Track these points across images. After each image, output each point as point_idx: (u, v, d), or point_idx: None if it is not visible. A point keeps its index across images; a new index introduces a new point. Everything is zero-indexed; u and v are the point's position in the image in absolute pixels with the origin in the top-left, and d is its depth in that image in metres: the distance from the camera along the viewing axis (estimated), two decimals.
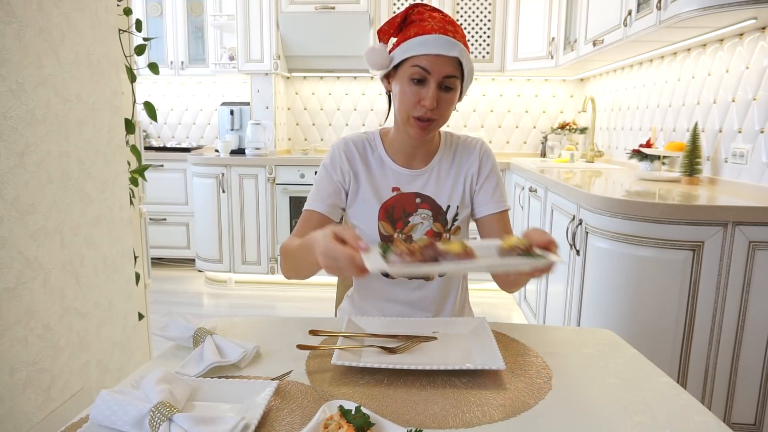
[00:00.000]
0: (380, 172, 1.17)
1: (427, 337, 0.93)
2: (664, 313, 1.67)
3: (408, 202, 1.15)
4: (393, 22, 1.09)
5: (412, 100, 1.05)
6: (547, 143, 3.96)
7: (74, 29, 1.32)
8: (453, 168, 1.19)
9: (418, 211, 1.15)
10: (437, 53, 1.02)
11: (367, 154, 1.19)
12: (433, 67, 1.02)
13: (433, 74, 1.03)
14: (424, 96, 1.04)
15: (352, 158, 1.17)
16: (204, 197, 3.68)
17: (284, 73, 3.95)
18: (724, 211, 1.60)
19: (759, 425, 1.69)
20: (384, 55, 1.08)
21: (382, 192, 1.16)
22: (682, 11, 1.80)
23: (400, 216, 1.15)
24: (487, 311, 3.24)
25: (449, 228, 1.17)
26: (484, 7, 3.68)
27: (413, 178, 1.17)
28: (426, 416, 0.70)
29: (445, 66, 1.03)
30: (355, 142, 1.19)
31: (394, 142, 1.18)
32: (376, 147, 1.19)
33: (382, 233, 1.15)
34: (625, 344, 0.96)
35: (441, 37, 1.03)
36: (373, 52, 1.08)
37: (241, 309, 3.35)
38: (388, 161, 1.18)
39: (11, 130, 1.10)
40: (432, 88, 1.03)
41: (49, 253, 1.23)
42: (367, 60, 1.09)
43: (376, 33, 1.11)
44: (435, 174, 1.18)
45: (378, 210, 1.15)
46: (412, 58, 1.04)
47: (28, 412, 1.16)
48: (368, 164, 1.18)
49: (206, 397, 0.73)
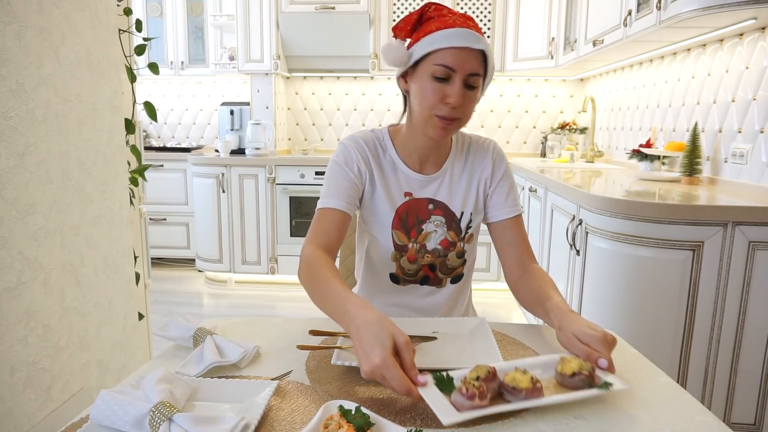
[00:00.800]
0: (392, 176, 1.12)
1: (427, 337, 0.93)
2: (664, 313, 1.67)
3: (421, 208, 1.11)
4: (409, 19, 1.04)
5: (436, 97, 0.99)
6: (547, 143, 3.96)
7: (74, 29, 1.32)
8: (466, 172, 1.15)
9: (431, 218, 1.11)
10: (463, 45, 0.97)
11: (379, 155, 1.13)
12: (459, 62, 0.97)
13: (459, 71, 0.98)
14: (450, 93, 0.98)
15: (366, 158, 1.11)
16: (204, 197, 3.68)
17: (284, 73, 3.95)
18: (724, 211, 1.60)
19: (759, 425, 1.69)
20: (402, 51, 1.03)
21: (395, 197, 1.12)
22: (682, 11, 1.80)
23: (413, 224, 1.11)
24: (487, 311, 3.24)
25: (463, 236, 1.14)
26: (484, 7, 3.68)
27: (425, 183, 1.12)
28: (426, 416, 0.70)
29: (470, 61, 0.98)
30: (367, 142, 1.12)
31: (406, 144, 1.12)
32: (387, 148, 1.13)
33: (396, 242, 1.11)
34: (625, 344, 0.96)
35: (465, 30, 0.98)
36: (390, 48, 1.03)
37: (241, 309, 3.35)
38: (400, 164, 1.12)
39: (11, 130, 1.10)
40: (458, 85, 0.98)
41: (49, 253, 1.23)
42: (384, 57, 1.04)
43: (392, 30, 1.07)
44: (448, 179, 1.13)
45: (392, 217, 1.10)
46: (435, 53, 0.98)
47: (28, 412, 1.16)
48: (381, 166, 1.12)
49: (206, 397, 0.73)
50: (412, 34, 1.05)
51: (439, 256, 1.13)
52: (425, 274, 1.14)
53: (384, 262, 1.14)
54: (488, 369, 0.72)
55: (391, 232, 1.11)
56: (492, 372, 0.72)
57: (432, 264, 1.13)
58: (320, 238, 1.03)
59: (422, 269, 1.14)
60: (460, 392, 0.68)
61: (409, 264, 1.13)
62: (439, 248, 1.12)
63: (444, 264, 1.14)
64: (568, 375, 0.73)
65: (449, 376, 0.73)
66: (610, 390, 0.71)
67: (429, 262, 1.13)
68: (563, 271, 2.14)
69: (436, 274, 1.15)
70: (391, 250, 1.12)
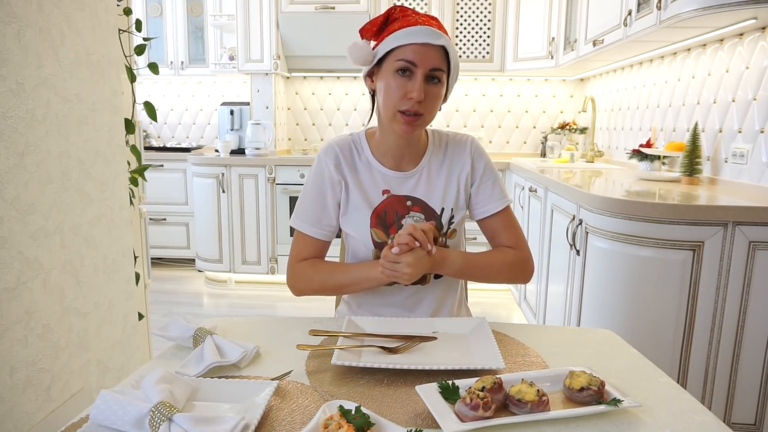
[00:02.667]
0: (368, 177, 1.14)
1: (427, 337, 0.93)
2: (664, 313, 1.67)
3: (399, 205, 1.13)
4: (375, 21, 1.07)
5: (399, 93, 1.03)
6: (547, 143, 3.96)
7: (74, 29, 1.32)
8: (444, 168, 1.16)
9: (410, 213, 1.13)
10: (423, 42, 1.00)
11: (354, 159, 1.16)
12: (420, 57, 1.01)
13: (420, 65, 1.01)
14: (411, 88, 1.02)
15: (339, 165, 1.14)
16: (204, 197, 3.68)
17: (284, 73, 3.95)
18: (724, 211, 1.60)
19: (759, 425, 1.69)
20: (367, 50, 1.06)
21: (372, 197, 1.13)
22: (682, 11, 1.80)
23: (392, 221, 1.12)
24: (487, 311, 3.24)
25: (445, 232, 1.14)
26: (484, 7, 3.68)
27: (403, 180, 1.14)
28: (426, 416, 0.70)
29: (431, 56, 1.01)
30: (341, 147, 1.15)
31: (380, 144, 1.15)
32: (363, 150, 1.16)
33: (375, 240, 1.12)
34: (625, 344, 0.96)
35: (426, 27, 1.02)
36: (355, 47, 1.06)
37: (241, 309, 3.35)
38: (375, 164, 1.15)
39: (11, 130, 1.10)
40: (419, 80, 1.01)
41: (49, 253, 1.23)
42: (349, 55, 1.07)
43: (359, 31, 1.10)
44: (425, 175, 1.15)
45: (369, 216, 1.12)
46: (397, 50, 1.02)
47: (28, 412, 1.16)
48: (356, 169, 1.15)
49: (206, 397, 0.73)
50: (378, 36, 1.08)
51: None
52: None
53: (367, 260, 1.15)
54: (494, 380, 0.71)
55: (370, 230, 1.12)
56: (498, 383, 0.71)
57: None
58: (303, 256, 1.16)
59: None
60: (464, 402, 0.68)
61: None
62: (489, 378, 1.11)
63: None
64: (576, 389, 0.72)
65: (455, 385, 0.73)
66: (619, 407, 0.70)
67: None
68: (563, 271, 2.14)
69: None
70: (371, 248, 1.13)
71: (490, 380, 0.71)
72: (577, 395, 0.72)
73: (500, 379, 0.72)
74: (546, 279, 2.48)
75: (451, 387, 0.72)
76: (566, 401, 0.74)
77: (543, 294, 2.52)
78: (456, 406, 0.69)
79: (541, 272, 2.56)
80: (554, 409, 0.70)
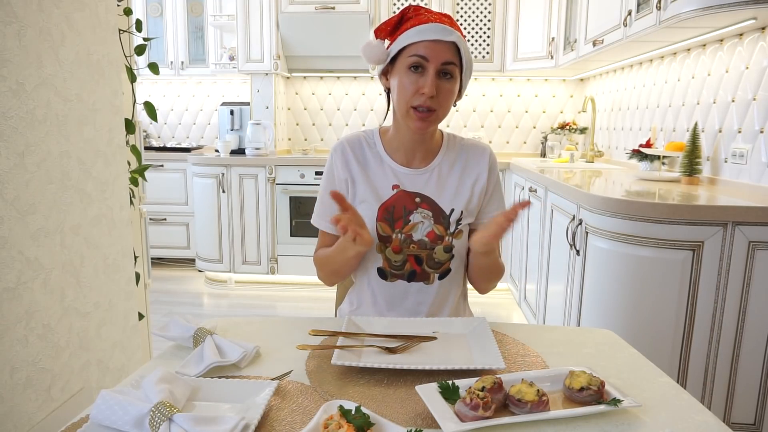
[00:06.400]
0: (379, 171, 1.16)
1: (427, 337, 0.93)
2: (664, 313, 1.67)
3: (408, 200, 1.14)
4: (390, 21, 1.10)
5: (411, 89, 1.05)
6: (547, 143, 3.96)
7: (74, 29, 1.32)
8: (457, 169, 1.18)
9: (419, 209, 1.14)
10: (434, 38, 1.03)
11: (365, 152, 1.18)
12: (431, 53, 1.03)
13: (432, 61, 1.03)
14: (423, 84, 1.04)
15: (347, 162, 1.17)
16: (204, 197, 3.68)
17: (284, 73, 3.95)
18: (723, 211, 1.60)
19: (759, 425, 1.69)
20: (381, 49, 1.10)
21: (381, 191, 1.15)
22: (681, 11, 1.80)
23: (400, 215, 1.13)
24: (487, 311, 3.24)
25: (452, 232, 1.15)
26: (484, 7, 3.68)
27: (414, 177, 1.16)
28: (426, 416, 0.70)
29: (442, 52, 1.03)
30: (351, 142, 1.18)
31: (393, 140, 1.17)
32: (375, 145, 1.19)
33: (380, 234, 1.13)
34: (625, 344, 0.96)
35: (437, 25, 1.04)
36: (369, 46, 1.10)
37: (241, 309, 3.35)
38: (387, 159, 1.17)
39: (11, 130, 1.10)
40: (431, 75, 1.03)
41: (49, 253, 1.23)
42: (364, 55, 1.11)
43: (373, 32, 1.13)
44: (436, 174, 1.16)
45: (377, 209, 1.14)
46: (410, 47, 1.05)
47: (28, 412, 1.16)
48: (366, 163, 1.17)
49: (206, 397, 0.73)
50: (392, 35, 1.11)
51: (425, 248, 1.14)
52: (412, 269, 1.15)
53: (370, 254, 1.16)
54: (494, 380, 0.71)
55: (376, 224, 1.13)
56: (498, 383, 0.71)
57: (418, 257, 1.14)
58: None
59: (408, 261, 1.14)
60: (464, 402, 0.68)
61: (394, 255, 1.14)
62: (425, 240, 1.13)
63: (431, 257, 1.15)
64: (576, 389, 0.72)
65: (454, 385, 0.73)
66: (619, 407, 0.70)
67: (415, 253, 1.14)
68: (563, 271, 2.14)
69: (423, 269, 1.15)
70: (376, 242, 1.14)
71: (490, 380, 0.71)
72: (577, 395, 0.72)
73: (500, 379, 0.72)
74: (546, 279, 2.48)
75: (451, 387, 0.72)
76: (566, 401, 0.74)
77: (543, 294, 2.52)
78: (456, 406, 0.69)
79: (541, 272, 2.56)
80: (554, 409, 0.70)
